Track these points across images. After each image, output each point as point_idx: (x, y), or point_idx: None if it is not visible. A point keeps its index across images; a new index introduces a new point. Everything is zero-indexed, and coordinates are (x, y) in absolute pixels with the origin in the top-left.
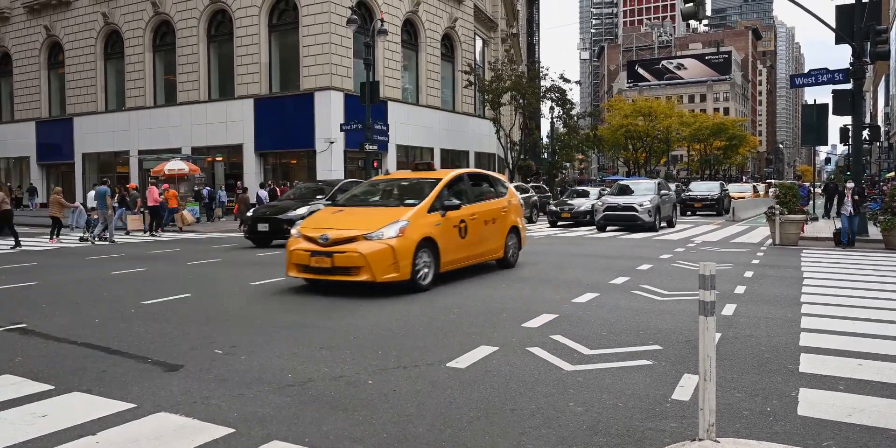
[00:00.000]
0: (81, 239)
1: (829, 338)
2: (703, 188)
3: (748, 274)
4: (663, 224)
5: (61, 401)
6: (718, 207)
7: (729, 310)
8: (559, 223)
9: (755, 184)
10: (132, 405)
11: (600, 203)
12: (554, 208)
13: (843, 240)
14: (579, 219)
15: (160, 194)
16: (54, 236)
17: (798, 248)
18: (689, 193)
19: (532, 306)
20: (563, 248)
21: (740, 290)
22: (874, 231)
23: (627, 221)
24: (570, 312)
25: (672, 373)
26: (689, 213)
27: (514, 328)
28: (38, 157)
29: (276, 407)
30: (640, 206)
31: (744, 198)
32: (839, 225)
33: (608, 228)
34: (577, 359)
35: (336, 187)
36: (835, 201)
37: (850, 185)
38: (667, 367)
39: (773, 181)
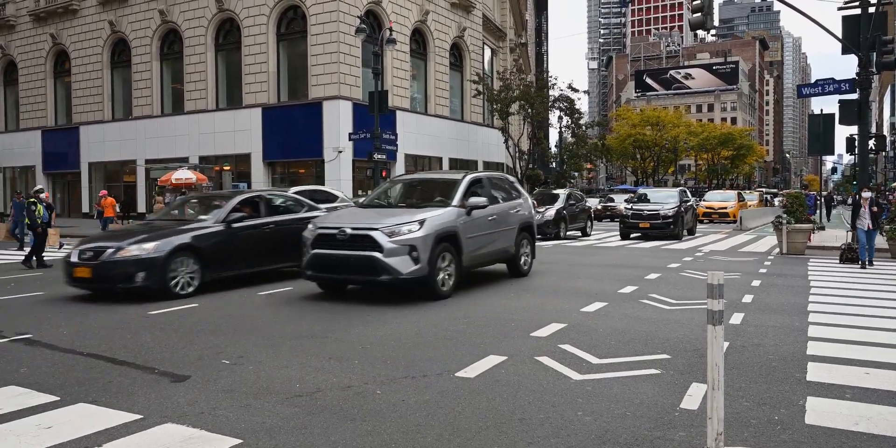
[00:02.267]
0: None
1: (836, 346)
2: (658, 198)
3: (756, 283)
4: (498, 266)
5: (67, 412)
6: (674, 228)
7: (737, 319)
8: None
9: (740, 191)
10: (138, 416)
11: (311, 229)
12: (82, 252)
13: (861, 257)
14: (127, 282)
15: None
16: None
17: (805, 257)
18: (635, 207)
19: (541, 316)
20: None
21: (748, 299)
22: (880, 240)
23: (359, 274)
24: (579, 322)
25: (680, 382)
26: (632, 235)
27: (522, 337)
28: (44, 166)
29: (283, 417)
30: (392, 235)
31: (724, 209)
32: (849, 239)
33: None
34: (585, 368)
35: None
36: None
37: (868, 194)
38: (675, 376)
39: (764, 190)
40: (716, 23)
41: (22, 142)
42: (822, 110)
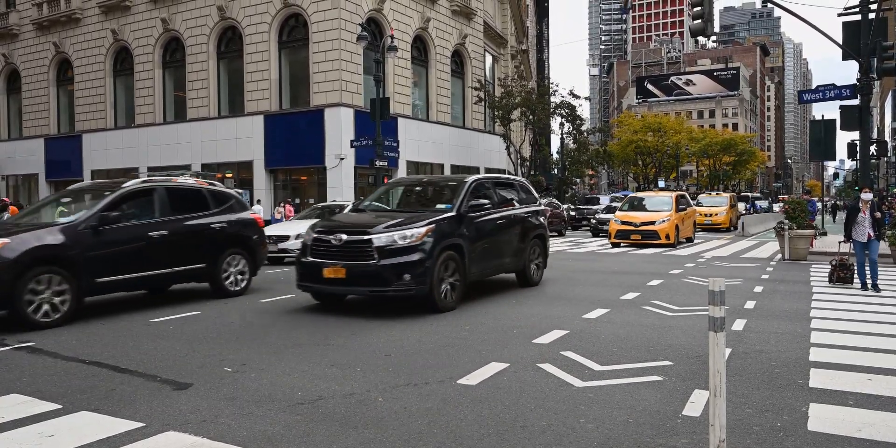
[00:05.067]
0: None
1: (838, 352)
2: (405, 201)
3: (758, 289)
4: None
5: (69, 420)
6: (416, 283)
7: (739, 325)
8: None
9: (682, 192)
10: (141, 424)
11: None
12: None
13: (860, 277)
14: None
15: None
16: None
17: (807, 262)
18: (331, 222)
19: (543, 322)
20: None
21: (750, 305)
22: (882, 245)
23: None
24: (581, 328)
25: (683, 388)
26: (326, 290)
27: (524, 344)
28: (47, 174)
29: (285, 425)
30: None
31: (650, 226)
32: (845, 249)
33: None
34: (587, 375)
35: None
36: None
37: (868, 196)
38: (677, 382)
39: (751, 195)
40: (716, 29)
41: (25, 150)
42: (823, 116)
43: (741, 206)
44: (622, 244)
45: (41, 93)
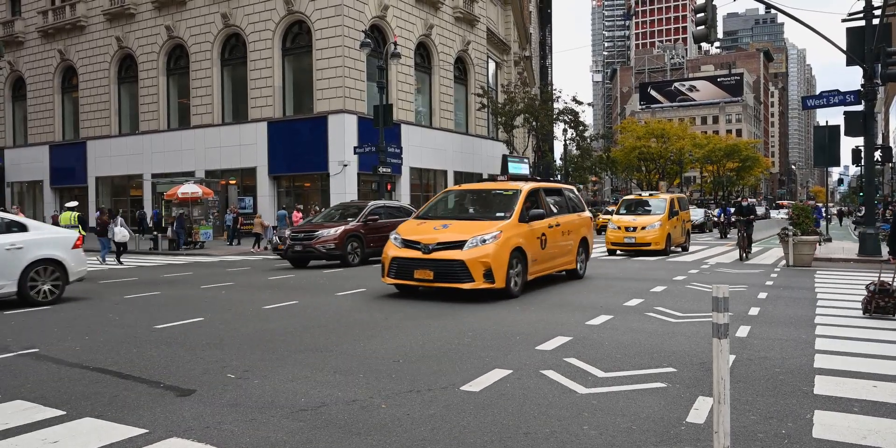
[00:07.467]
0: (265, 248)
1: (843, 359)
2: None
3: (762, 295)
4: None
5: (73, 426)
6: None
7: (743, 331)
8: None
9: (567, 185)
10: (144, 430)
11: None
12: None
13: None
14: None
15: None
16: (257, 246)
17: (812, 268)
18: None
19: (546, 329)
20: None
21: (754, 311)
22: (885, 250)
23: None
24: (585, 335)
25: (686, 395)
26: None
27: (527, 351)
28: (52, 180)
29: (288, 432)
30: None
31: (456, 249)
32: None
33: None
34: (591, 382)
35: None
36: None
37: None
38: (681, 389)
39: (679, 195)
40: (720, 35)
41: (30, 157)
42: (827, 122)
43: (699, 213)
44: (420, 288)
45: (46, 100)
